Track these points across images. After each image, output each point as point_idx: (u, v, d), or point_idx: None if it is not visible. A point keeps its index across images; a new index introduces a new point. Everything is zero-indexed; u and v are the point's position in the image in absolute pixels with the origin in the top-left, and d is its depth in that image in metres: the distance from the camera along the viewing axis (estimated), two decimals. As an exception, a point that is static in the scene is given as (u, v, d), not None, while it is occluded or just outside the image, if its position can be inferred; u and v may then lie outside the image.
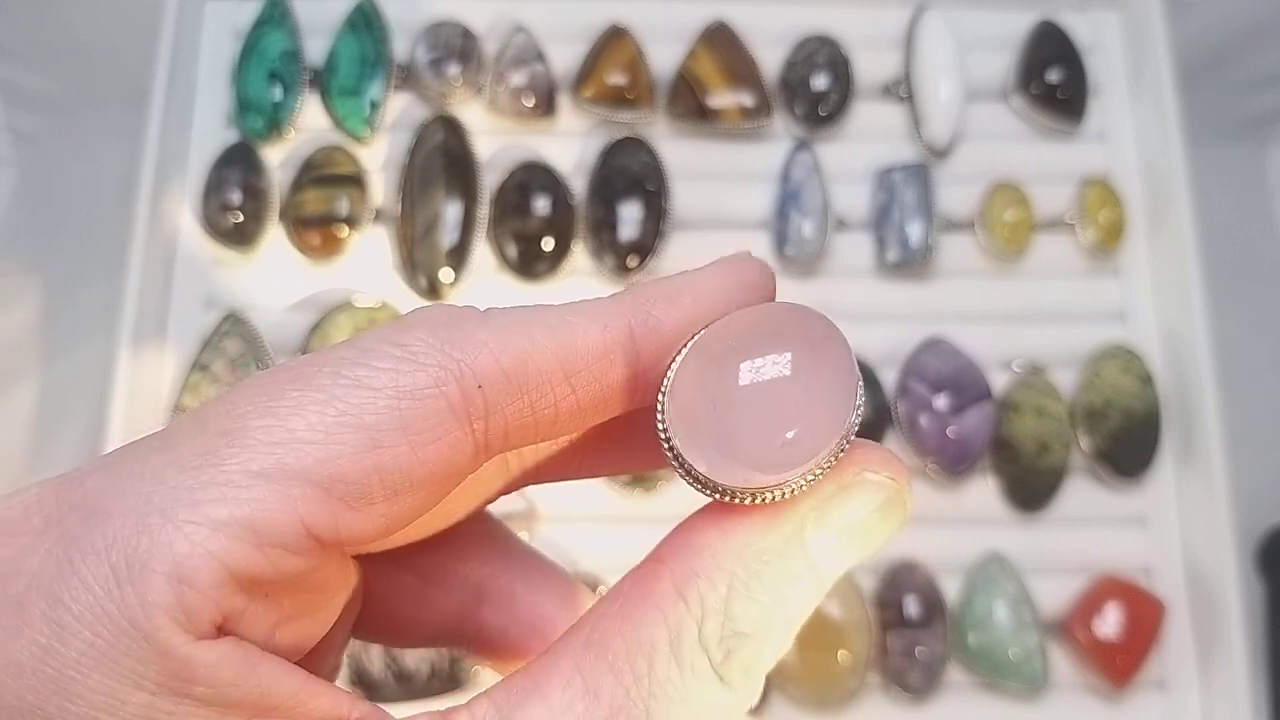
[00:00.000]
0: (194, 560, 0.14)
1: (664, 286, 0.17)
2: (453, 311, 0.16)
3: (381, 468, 0.15)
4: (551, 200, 0.50)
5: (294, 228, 0.50)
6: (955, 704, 0.46)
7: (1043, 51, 0.53)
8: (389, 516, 0.15)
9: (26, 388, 0.53)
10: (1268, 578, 0.51)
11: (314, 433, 0.15)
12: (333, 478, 0.15)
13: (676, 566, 0.16)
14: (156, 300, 0.49)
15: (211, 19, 0.54)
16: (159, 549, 0.14)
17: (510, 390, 0.16)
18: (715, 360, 0.16)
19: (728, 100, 0.51)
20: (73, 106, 0.57)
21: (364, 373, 0.15)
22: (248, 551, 0.14)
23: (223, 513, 0.14)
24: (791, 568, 0.16)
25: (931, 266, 0.51)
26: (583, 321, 0.16)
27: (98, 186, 0.55)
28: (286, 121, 0.51)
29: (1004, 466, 0.48)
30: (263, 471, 0.14)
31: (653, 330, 0.17)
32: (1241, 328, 0.53)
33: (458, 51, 0.52)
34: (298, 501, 0.14)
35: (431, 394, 0.15)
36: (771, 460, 0.15)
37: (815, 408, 0.16)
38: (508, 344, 0.16)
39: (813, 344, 0.16)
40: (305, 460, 0.14)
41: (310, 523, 0.14)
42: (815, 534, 0.16)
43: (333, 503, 0.15)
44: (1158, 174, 0.52)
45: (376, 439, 0.15)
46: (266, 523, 0.14)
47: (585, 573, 0.46)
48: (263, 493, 0.14)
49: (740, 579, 0.16)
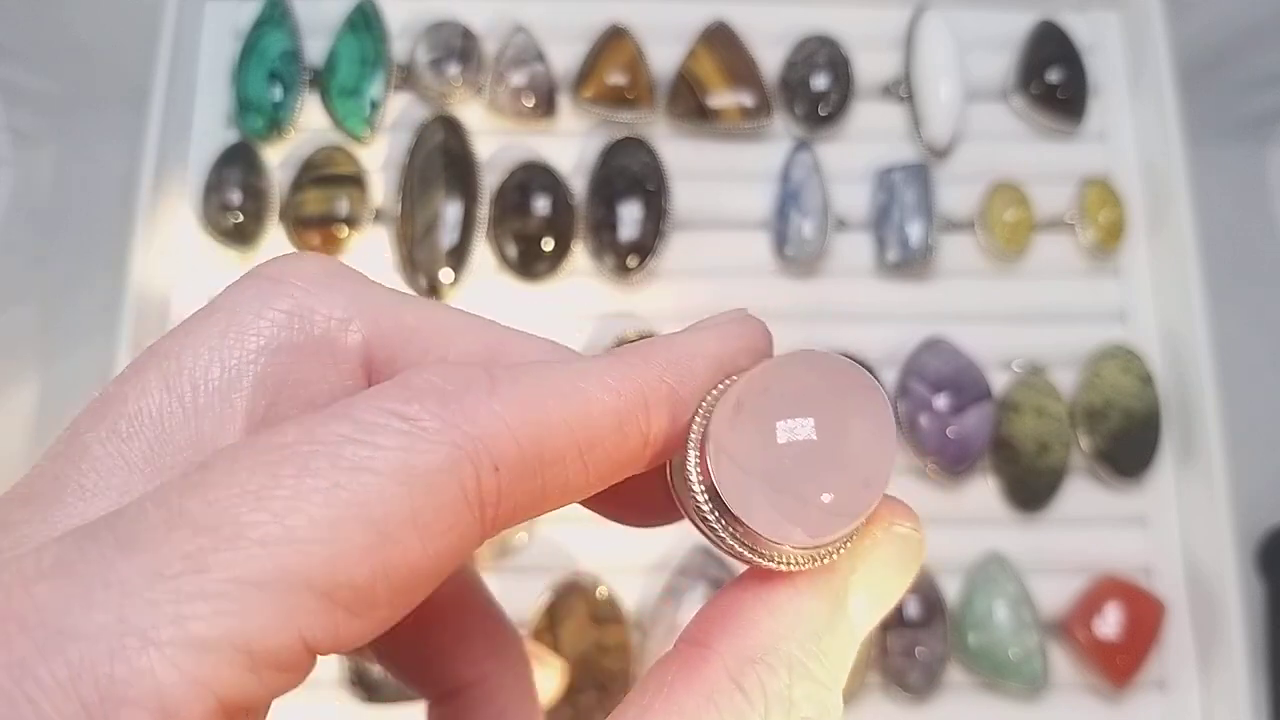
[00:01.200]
0: (180, 690, 0.11)
1: (671, 350, 0.16)
2: (458, 376, 0.14)
3: (390, 566, 0.13)
4: (551, 200, 0.50)
5: (294, 228, 0.50)
6: (955, 704, 0.46)
7: (1043, 51, 0.53)
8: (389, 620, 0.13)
9: (26, 388, 0.53)
10: (1268, 578, 0.51)
11: (316, 530, 0.12)
12: (337, 584, 0.12)
13: (727, 651, 0.14)
14: (156, 300, 0.49)
15: (211, 19, 0.54)
16: (139, 678, 0.11)
17: (525, 472, 0.14)
18: (748, 418, 0.15)
19: (728, 100, 0.51)
20: (73, 106, 0.57)
21: (368, 454, 0.13)
22: (241, 676, 0.12)
23: (213, 631, 0.12)
24: (840, 636, 0.15)
25: (931, 266, 0.51)
26: (596, 390, 0.15)
27: (98, 186, 0.55)
28: (286, 121, 0.51)
29: (1004, 466, 0.48)
30: (258, 580, 0.12)
31: (666, 399, 0.15)
32: (1241, 328, 0.53)
33: (458, 51, 0.52)
34: (298, 613, 0.12)
35: (445, 479, 0.13)
36: (817, 521, 0.15)
37: (856, 465, 0.15)
38: (525, 420, 0.14)
39: (849, 398, 0.15)
40: (307, 563, 0.12)
41: (309, 636, 0.12)
42: (853, 597, 0.15)
43: (335, 611, 0.12)
44: (1158, 174, 0.52)
45: (385, 533, 0.13)
46: (263, 642, 0.12)
47: (585, 572, 0.46)
48: (259, 605, 0.12)
49: (799, 660, 0.14)
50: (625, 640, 0.45)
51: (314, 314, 0.16)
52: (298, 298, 0.16)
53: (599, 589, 0.46)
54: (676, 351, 0.16)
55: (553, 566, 0.46)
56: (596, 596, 0.46)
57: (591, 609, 0.46)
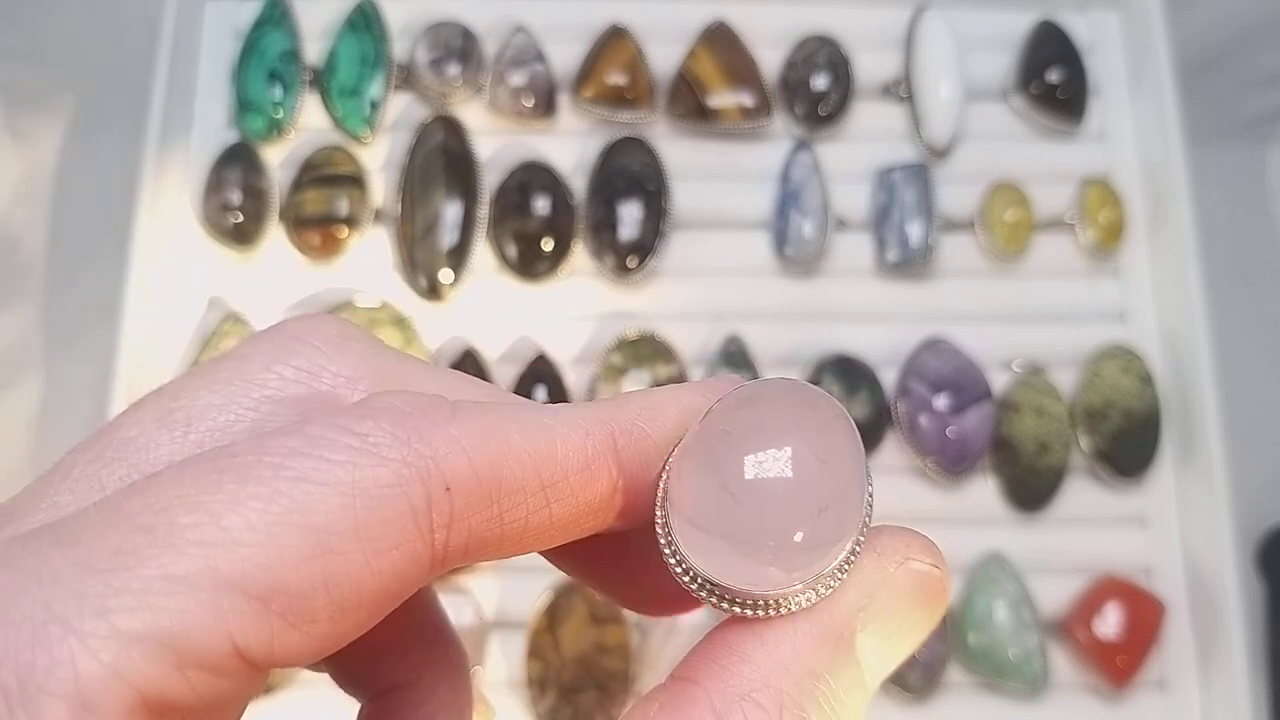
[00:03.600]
0: (99, 682, 0.11)
1: (645, 399, 0.16)
2: (419, 401, 0.14)
3: (330, 577, 0.13)
4: (551, 200, 0.50)
5: (294, 228, 0.50)
6: (955, 704, 0.46)
7: (1043, 51, 0.53)
8: (330, 637, 0.13)
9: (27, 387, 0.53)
10: (1268, 578, 0.51)
11: (253, 534, 0.12)
12: (273, 588, 0.12)
13: (714, 688, 0.14)
14: (156, 300, 0.49)
15: (211, 19, 0.54)
16: (58, 667, 0.11)
17: (481, 497, 0.14)
18: (710, 461, 0.15)
19: (728, 100, 0.51)
20: (73, 106, 0.57)
21: (312, 465, 0.13)
22: (165, 673, 0.12)
23: (137, 624, 0.12)
24: (844, 678, 0.14)
25: (931, 266, 0.51)
26: (563, 427, 0.15)
27: (98, 186, 0.55)
28: (286, 121, 0.51)
29: (1004, 466, 0.48)
30: (188, 577, 0.12)
31: (638, 443, 0.15)
32: (1241, 328, 0.53)
33: (458, 51, 0.52)
34: (229, 615, 0.12)
35: (392, 494, 0.13)
36: (788, 559, 0.14)
37: (818, 493, 0.14)
38: (483, 443, 0.14)
39: (815, 427, 0.15)
40: (241, 565, 0.12)
41: (241, 641, 0.12)
42: (863, 637, 0.14)
43: (270, 618, 0.12)
44: (1158, 174, 0.52)
45: (326, 543, 0.12)
46: (189, 639, 0.12)
47: (585, 573, 0.46)
48: (188, 602, 0.12)
49: (792, 698, 0.14)
50: (625, 640, 0.45)
51: (323, 371, 0.16)
52: (310, 355, 0.16)
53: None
54: (652, 399, 0.16)
55: (553, 567, 0.46)
56: (597, 596, 0.46)
57: (591, 609, 0.46)
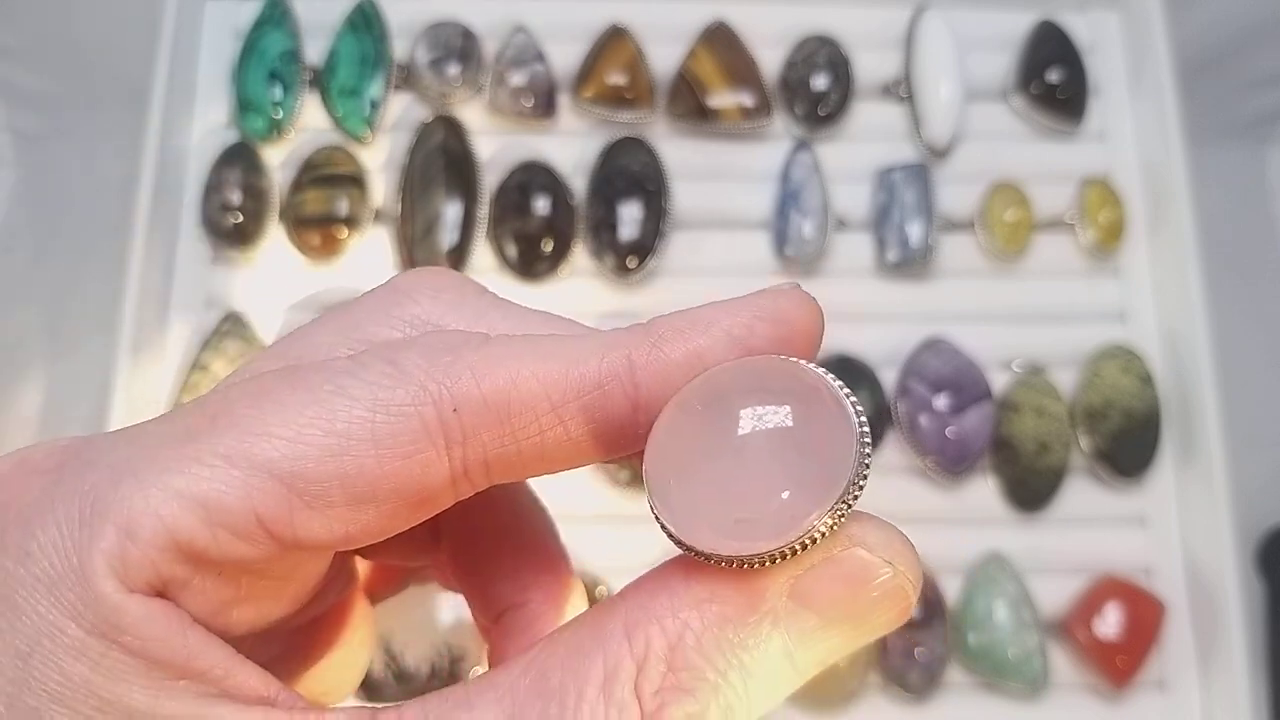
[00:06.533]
0: (144, 519, 0.14)
1: (679, 319, 0.16)
2: (455, 338, 0.16)
3: (345, 473, 0.15)
4: (551, 200, 0.50)
5: (294, 228, 0.50)
6: (955, 704, 0.46)
7: (1043, 51, 0.53)
8: (350, 523, 0.15)
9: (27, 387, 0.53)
10: (1268, 578, 0.51)
11: (286, 429, 0.15)
12: (295, 474, 0.15)
13: (632, 604, 0.15)
14: (156, 300, 0.49)
15: (211, 19, 0.54)
16: (119, 502, 0.14)
17: (490, 418, 0.15)
18: (698, 416, 0.15)
19: (728, 100, 0.51)
20: (73, 106, 0.57)
21: (349, 383, 0.15)
22: (195, 526, 0.14)
23: (182, 484, 0.15)
24: (757, 636, 0.15)
25: (931, 266, 0.51)
26: (580, 352, 0.16)
27: (98, 186, 0.55)
28: (286, 121, 0.51)
29: (1004, 466, 0.48)
30: (229, 455, 0.15)
31: (656, 363, 0.16)
32: (1241, 328, 0.53)
33: (458, 51, 0.52)
34: (255, 491, 0.15)
35: (407, 411, 0.15)
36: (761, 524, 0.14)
37: (808, 468, 0.14)
38: (493, 370, 0.16)
39: (806, 401, 0.15)
40: (271, 453, 0.15)
41: (263, 514, 0.15)
42: (793, 608, 0.15)
43: (291, 498, 0.15)
44: (1158, 174, 0.52)
45: (344, 445, 0.15)
46: (219, 504, 0.15)
47: (586, 573, 0.46)
48: (223, 475, 0.15)
49: (693, 631, 0.15)
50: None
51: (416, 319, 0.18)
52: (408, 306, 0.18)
53: (599, 589, 0.46)
54: (683, 320, 0.16)
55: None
56: (596, 596, 0.46)
57: (591, 609, 0.46)
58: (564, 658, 0.15)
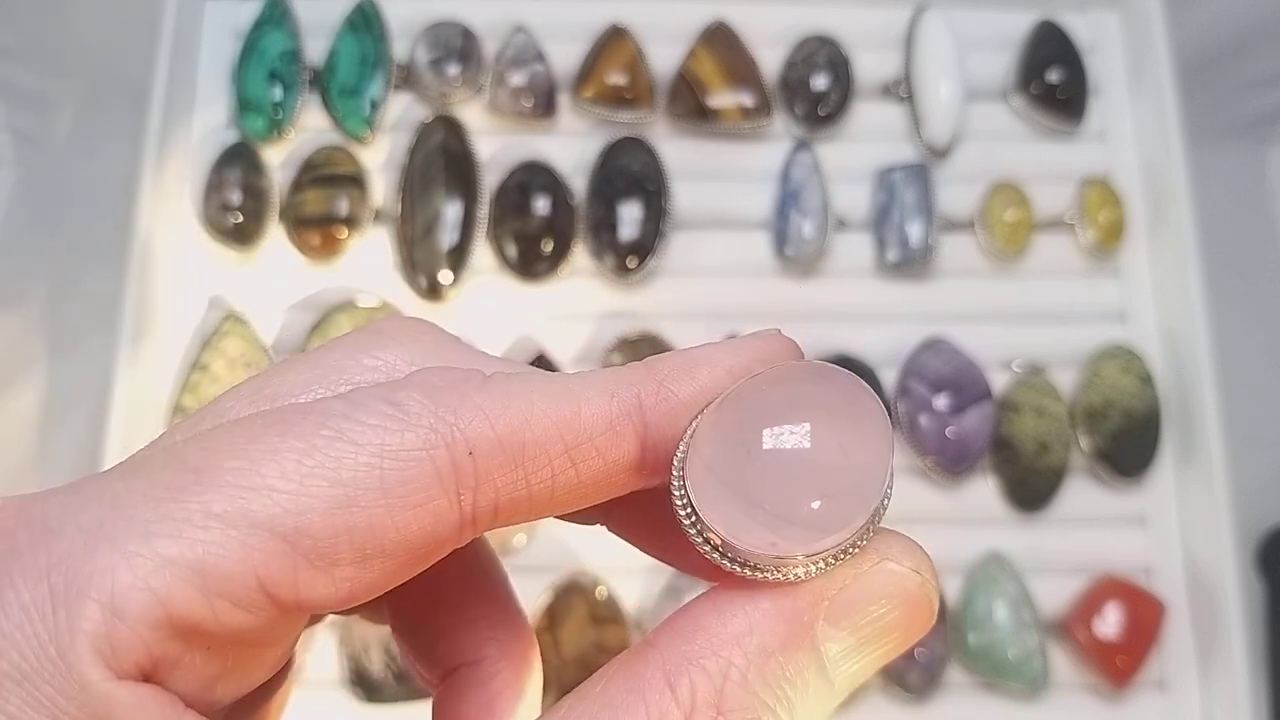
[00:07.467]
0: (132, 593, 0.13)
1: (680, 359, 0.16)
2: (453, 375, 0.15)
3: (353, 528, 0.14)
4: (551, 200, 0.50)
5: (294, 228, 0.50)
6: (955, 704, 0.46)
7: (1043, 51, 0.53)
8: (355, 581, 0.14)
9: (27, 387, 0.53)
10: (1268, 578, 0.51)
11: (286, 481, 0.14)
12: (299, 531, 0.13)
13: (668, 651, 0.14)
14: (156, 300, 0.49)
15: (211, 19, 0.54)
16: (100, 574, 0.13)
17: (504, 460, 0.15)
18: (737, 423, 0.15)
19: (728, 100, 0.51)
20: (73, 106, 0.57)
21: (349, 426, 0.14)
22: (192, 596, 0.13)
23: (173, 550, 0.13)
24: (798, 663, 0.14)
25: (931, 266, 0.51)
26: (589, 391, 0.15)
27: (98, 186, 0.55)
28: (286, 121, 0.51)
29: (1004, 466, 0.48)
30: (224, 514, 0.13)
31: (664, 403, 0.16)
32: (1241, 328, 0.53)
33: (458, 51, 0.52)
34: (256, 552, 0.13)
35: (418, 457, 0.14)
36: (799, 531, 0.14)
37: (846, 477, 0.14)
38: (505, 410, 0.15)
39: (845, 410, 0.15)
40: (272, 509, 0.13)
41: (266, 577, 0.13)
42: (828, 630, 0.15)
43: (295, 559, 0.13)
44: (1158, 174, 0.52)
45: (352, 497, 0.14)
46: (218, 570, 0.13)
47: (585, 572, 0.46)
48: (219, 536, 0.13)
49: (738, 669, 0.14)
50: (625, 640, 0.45)
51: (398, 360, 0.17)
52: (389, 347, 0.17)
53: (599, 589, 0.46)
54: (683, 360, 0.16)
55: (553, 566, 0.46)
56: (596, 596, 0.46)
57: (591, 609, 0.46)
58: (599, 714, 0.14)
